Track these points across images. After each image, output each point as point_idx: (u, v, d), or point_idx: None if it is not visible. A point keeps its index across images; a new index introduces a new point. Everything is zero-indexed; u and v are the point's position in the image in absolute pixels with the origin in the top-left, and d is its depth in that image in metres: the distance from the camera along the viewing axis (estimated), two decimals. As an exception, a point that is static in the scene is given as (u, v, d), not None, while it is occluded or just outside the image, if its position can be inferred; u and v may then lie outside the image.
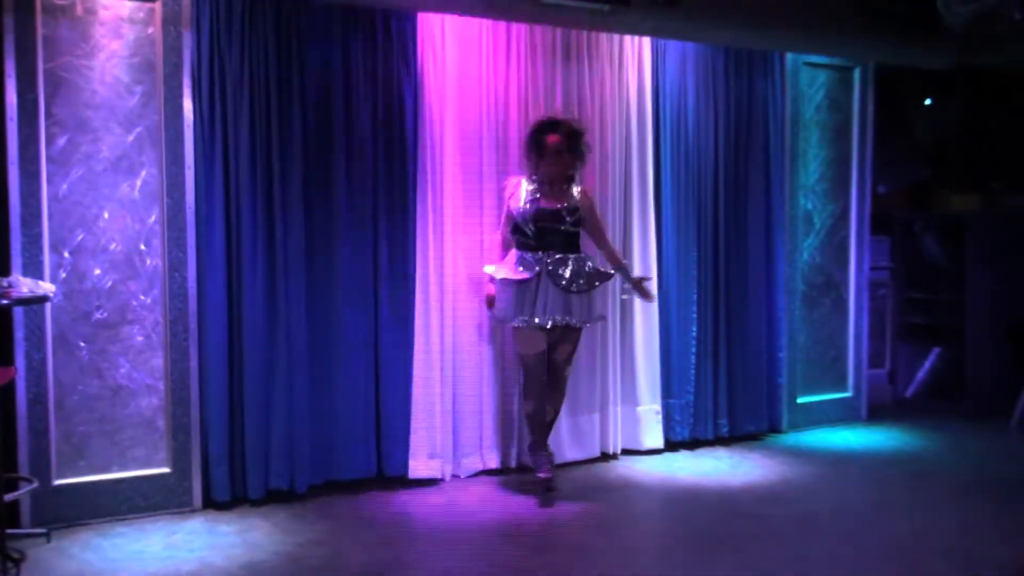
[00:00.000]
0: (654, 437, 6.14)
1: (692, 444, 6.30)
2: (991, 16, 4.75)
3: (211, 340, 4.92)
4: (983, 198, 7.67)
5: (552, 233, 5.17)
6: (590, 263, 5.28)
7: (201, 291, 4.91)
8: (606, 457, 6.04)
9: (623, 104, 6.03)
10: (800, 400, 6.86)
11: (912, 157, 8.41)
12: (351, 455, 5.33)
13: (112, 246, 4.72)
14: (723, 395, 6.40)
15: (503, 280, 5.22)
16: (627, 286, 5.58)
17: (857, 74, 7.00)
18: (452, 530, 4.75)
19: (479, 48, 5.59)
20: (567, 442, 5.87)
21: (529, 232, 5.17)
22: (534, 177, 5.25)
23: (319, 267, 5.21)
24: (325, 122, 5.20)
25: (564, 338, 5.25)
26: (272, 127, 5.02)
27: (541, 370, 5.22)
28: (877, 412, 7.33)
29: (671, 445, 6.23)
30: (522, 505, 5.15)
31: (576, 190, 5.31)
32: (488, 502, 5.21)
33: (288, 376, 5.07)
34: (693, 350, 6.28)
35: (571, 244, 5.23)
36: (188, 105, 4.82)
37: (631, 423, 6.13)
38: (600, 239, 5.45)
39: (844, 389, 7.15)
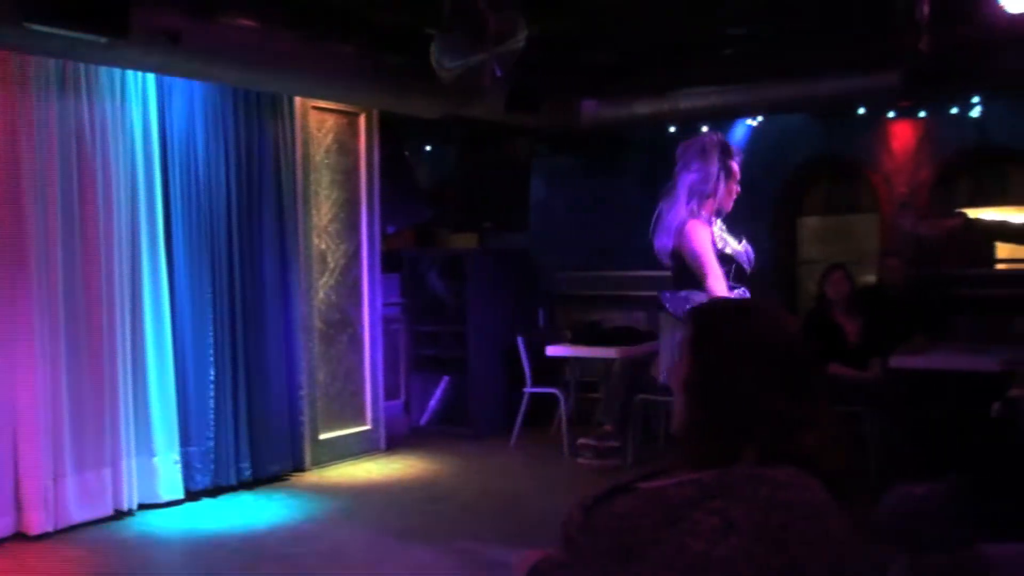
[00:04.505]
0: (173, 488, 5.89)
1: (215, 491, 6.13)
2: (476, 72, 5.22)
3: None
4: (479, 237, 8.40)
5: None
6: None
7: None
8: (120, 514, 5.66)
9: (128, 142, 5.75)
10: (322, 436, 6.97)
11: (416, 199, 8.98)
12: None
13: None
14: (244, 438, 6.31)
15: None
16: None
17: (363, 120, 7.33)
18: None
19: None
20: (73, 502, 5.41)
21: (743, 277, 4.40)
22: (706, 213, 4.33)
23: None
24: None
25: None
26: None
27: None
28: (395, 442, 7.66)
29: (192, 495, 6.01)
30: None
31: None
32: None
33: None
34: (212, 394, 6.12)
35: None
36: None
37: (147, 475, 5.81)
38: None
39: (363, 422, 7.39)
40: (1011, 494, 2.10)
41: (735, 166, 4.41)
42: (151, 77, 5.84)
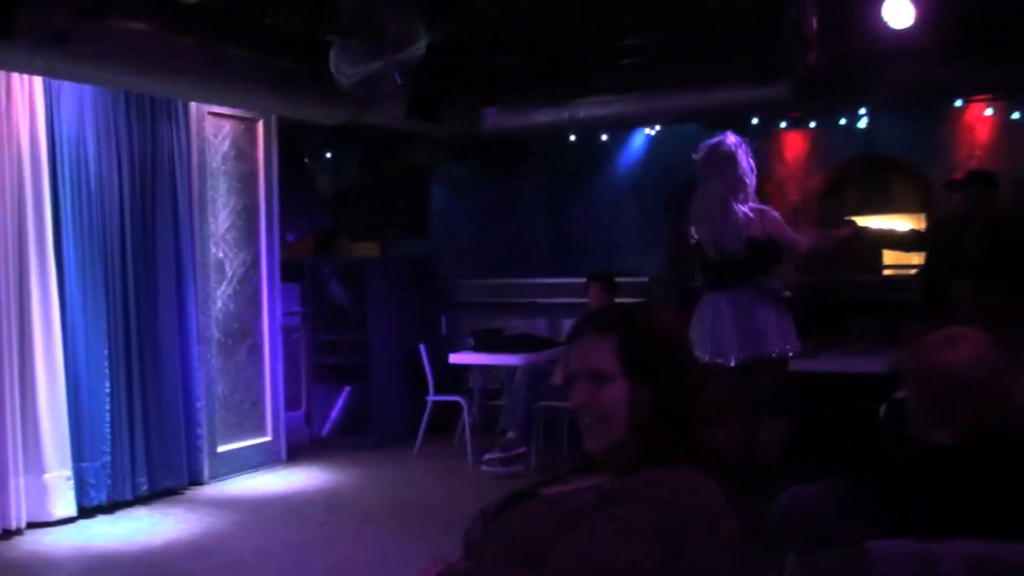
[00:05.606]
0: (65, 505, 5.69)
1: (110, 507, 5.95)
2: (376, 79, 5.20)
3: None
4: (380, 245, 8.35)
5: None
6: None
7: None
8: (8, 534, 5.45)
9: (13, 148, 5.55)
10: (221, 449, 6.83)
11: (317, 206, 8.89)
12: None
13: None
14: (141, 452, 6.14)
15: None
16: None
17: (261, 126, 7.22)
18: None
19: None
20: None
21: None
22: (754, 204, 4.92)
23: None
24: None
25: None
26: None
27: None
28: (296, 453, 7.55)
29: (86, 511, 5.82)
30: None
31: None
32: None
33: None
34: (107, 407, 5.94)
35: None
36: None
37: (37, 493, 5.61)
38: None
39: (264, 434, 7.26)
40: (895, 493, 2.20)
41: (753, 161, 4.92)
42: (38, 80, 5.65)
